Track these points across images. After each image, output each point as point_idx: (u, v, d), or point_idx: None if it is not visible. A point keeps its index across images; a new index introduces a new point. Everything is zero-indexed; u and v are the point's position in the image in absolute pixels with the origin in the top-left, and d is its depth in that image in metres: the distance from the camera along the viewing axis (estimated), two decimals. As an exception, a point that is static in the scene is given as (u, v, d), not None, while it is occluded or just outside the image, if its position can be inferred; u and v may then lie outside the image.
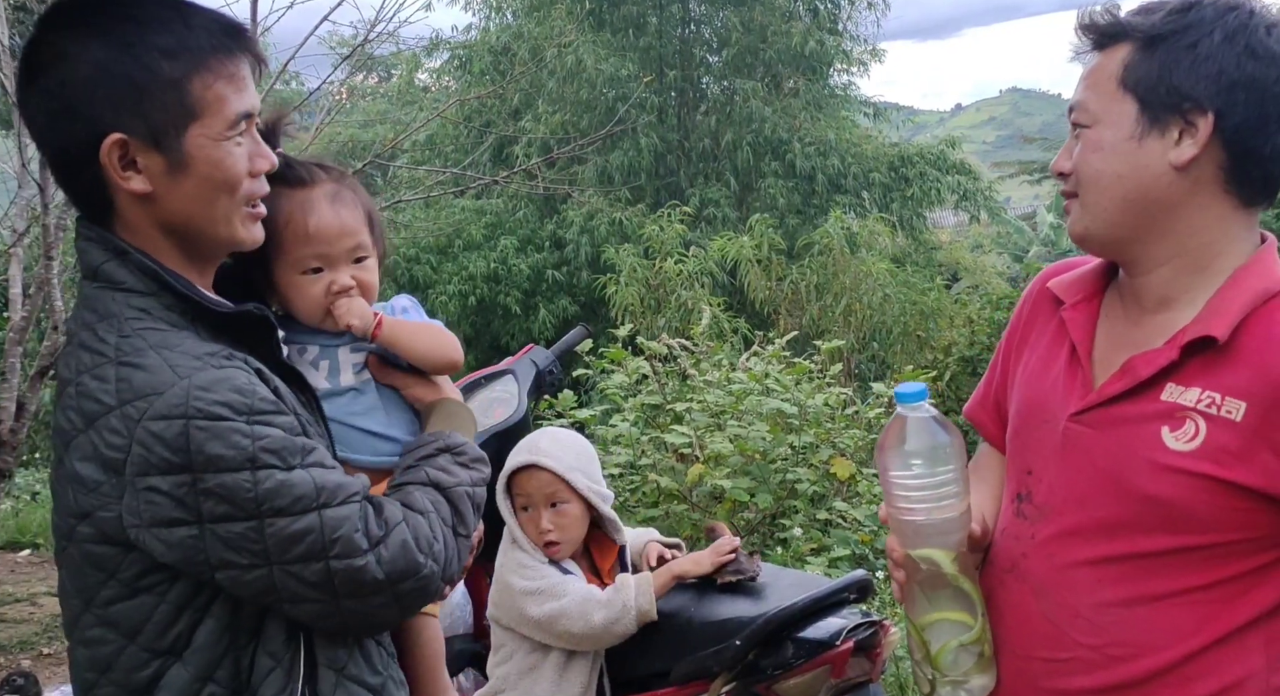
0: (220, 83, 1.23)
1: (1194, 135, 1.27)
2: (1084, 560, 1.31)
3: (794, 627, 2.00)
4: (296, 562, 1.20)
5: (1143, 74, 1.28)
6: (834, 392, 5.14)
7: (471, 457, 1.42)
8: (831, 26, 16.55)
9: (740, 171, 15.23)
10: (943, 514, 1.31)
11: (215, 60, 1.23)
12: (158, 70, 1.20)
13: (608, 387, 5.29)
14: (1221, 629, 1.27)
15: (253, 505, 1.17)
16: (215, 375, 1.18)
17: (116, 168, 1.21)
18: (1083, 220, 1.35)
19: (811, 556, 4.29)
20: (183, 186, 1.24)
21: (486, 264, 13.98)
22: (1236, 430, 1.23)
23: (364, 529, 1.23)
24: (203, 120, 1.23)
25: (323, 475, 1.22)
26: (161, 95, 1.21)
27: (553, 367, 2.61)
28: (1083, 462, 1.33)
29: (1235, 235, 1.32)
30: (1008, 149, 76.66)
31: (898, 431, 1.32)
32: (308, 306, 1.47)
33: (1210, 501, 1.24)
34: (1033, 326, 1.50)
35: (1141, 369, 1.30)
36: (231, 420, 1.17)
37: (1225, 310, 1.27)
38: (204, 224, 1.27)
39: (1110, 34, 1.33)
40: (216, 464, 1.16)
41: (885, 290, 10.11)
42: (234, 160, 1.25)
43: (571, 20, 14.78)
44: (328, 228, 1.45)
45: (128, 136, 1.20)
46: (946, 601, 1.35)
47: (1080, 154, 1.33)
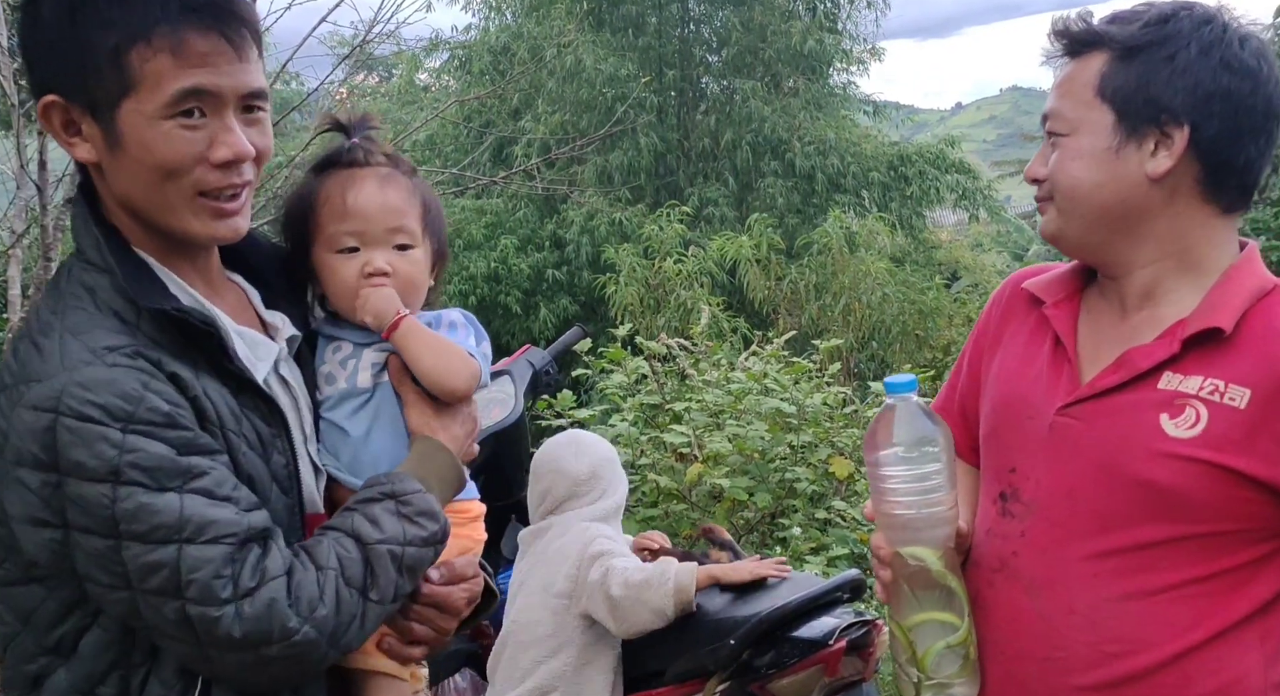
0: (163, 57, 1.11)
1: (1169, 147, 1.29)
2: (1079, 555, 1.32)
3: (788, 627, 2.01)
4: (154, 596, 1.08)
5: (1120, 84, 1.30)
6: (833, 392, 5.15)
7: (418, 510, 1.24)
8: (831, 25, 16.52)
9: (740, 171, 15.22)
10: (931, 508, 1.32)
11: (159, 32, 1.11)
12: (96, 38, 1.11)
13: (607, 387, 5.30)
14: (1218, 624, 1.27)
15: (110, 523, 1.07)
16: (99, 373, 1.08)
17: (59, 131, 1.15)
18: (1057, 222, 1.38)
19: (810, 555, 4.30)
20: (122, 163, 1.15)
21: (487, 264, 13.97)
22: (1240, 417, 1.24)
23: (231, 575, 1.09)
24: (138, 95, 1.12)
25: (197, 505, 1.09)
26: (98, 64, 1.11)
27: (549, 368, 2.63)
28: (1072, 455, 1.33)
29: (1218, 239, 1.35)
30: (1008, 147, 76.62)
31: (887, 423, 1.32)
32: (339, 289, 1.36)
33: (1210, 488, 1.25)
34: (1006, 327, 1.51)
35: (1140, 361, 1.31)
36: (103, 425, 1.06)
37: (1227, 304, 1.29)
38: (150, 209, 1.18)
39: (1085, 42, 1.34)
40: (78, 470, 1.06)
41: (884, 289, 10.11)
42: (169, 143, 1.13)
43: (571, 20, 14.77)
44: (367, 203, 1.33)
45: (65, 100, 1.13)
46: (934, 601, 1.35)
47: (1058, 162, 1.35)
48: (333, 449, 1.36)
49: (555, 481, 2.19)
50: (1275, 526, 1.27)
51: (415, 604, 1.30)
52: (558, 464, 2.20)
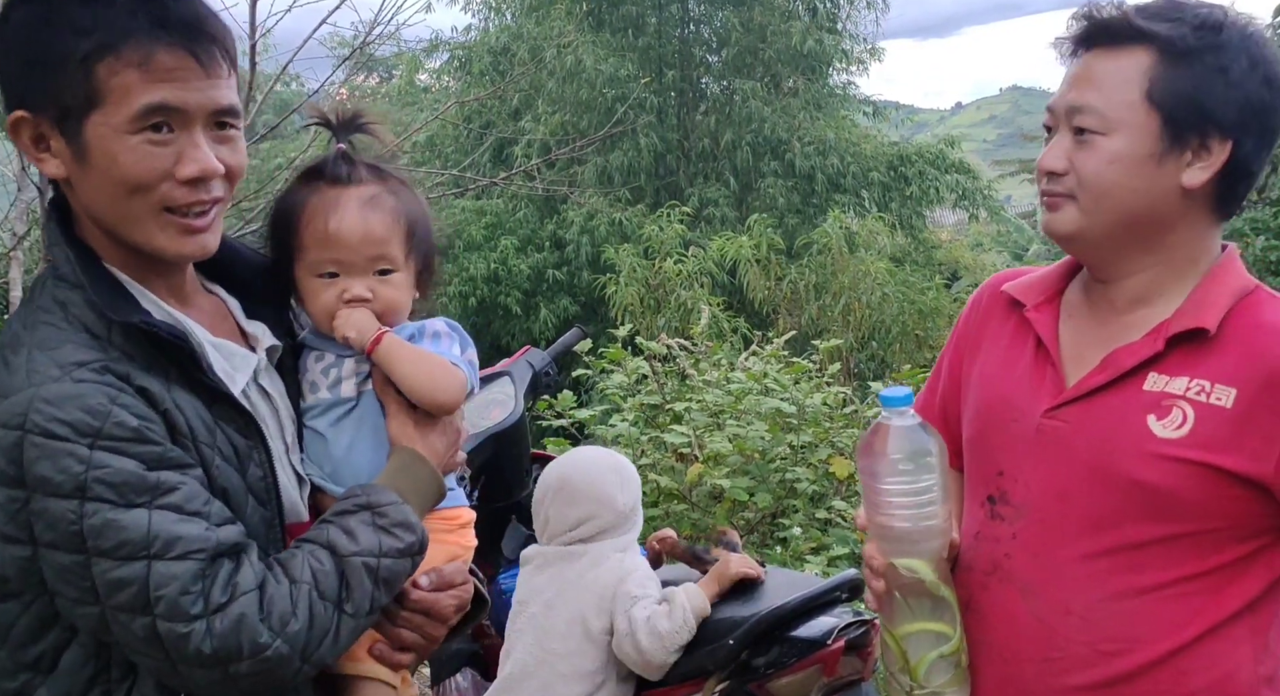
0: (130, 71, 1.10)
1: (1207, 159, 1.26)
2: (1073, 556, 1.32)
3: (786, 627, 2.02)
4: (123, 612, 1.07)
5: (1174, 91, 1.25)
6: (833, 392, 5.15)
7: (393, 521, 1.22)
8: (831, 25, 16.54)
9: (740, 171, 15.24)
10: (926, 521, 1.31)
11: (128, 45, 1.10)
12: (66, 47, 1.09)
13: (607, 387, 5.30)
14: (1210, 620, 1.28)
15: (77, 539, 1.06)
16: (66, 389, 1.07)
17: (29, 147, 1.14)
18: (1078, 222, 1.32)
19: (811, 555, 4.30)
20: (89, 178, 1.13)
21: (487, 264, 13.99)
22: (1227, 416, 1.25)
23: (201, 590, 1.08)
24: (105, 108, 1.10)
25: (165, 521, 1.08)
26: (67, 74, 1.10)
27: (549, 369, 2.64)
28: (1061, 457, 1.34)
29: (1210, 244, 1.36)
30: (1008, 147, 76.61)
31: (882, 436, 1.30)
32: (318, 312, 1.36)
33: (1199, 487, 1.26)
34: (986, 330, 1.51)
35: (1125, 360, 1.31)
36: (69, 441, 1.05)
37: (1210, 304, 1.29)
38: (117, 224, 1.16)
39: (1125, 35, 1.27)
40: (43, 486, 1.05)
41: (884, 289, 10.12)
42: (134, 158, 1.11)
43: (571, 21, 14.79)
44: (349, 232, 1.32)
45: (34, 115, 1.12)
46: (926, 611, 1.34)
47: (1088, 160, 1.29)
48: (316, 457, 1.35)
49: (597, 512, 2.11)
50: (1263, 523, 1.28)
51: (404, 610, 1.30)
52: (603, 494, 2.12)
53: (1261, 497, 1.26)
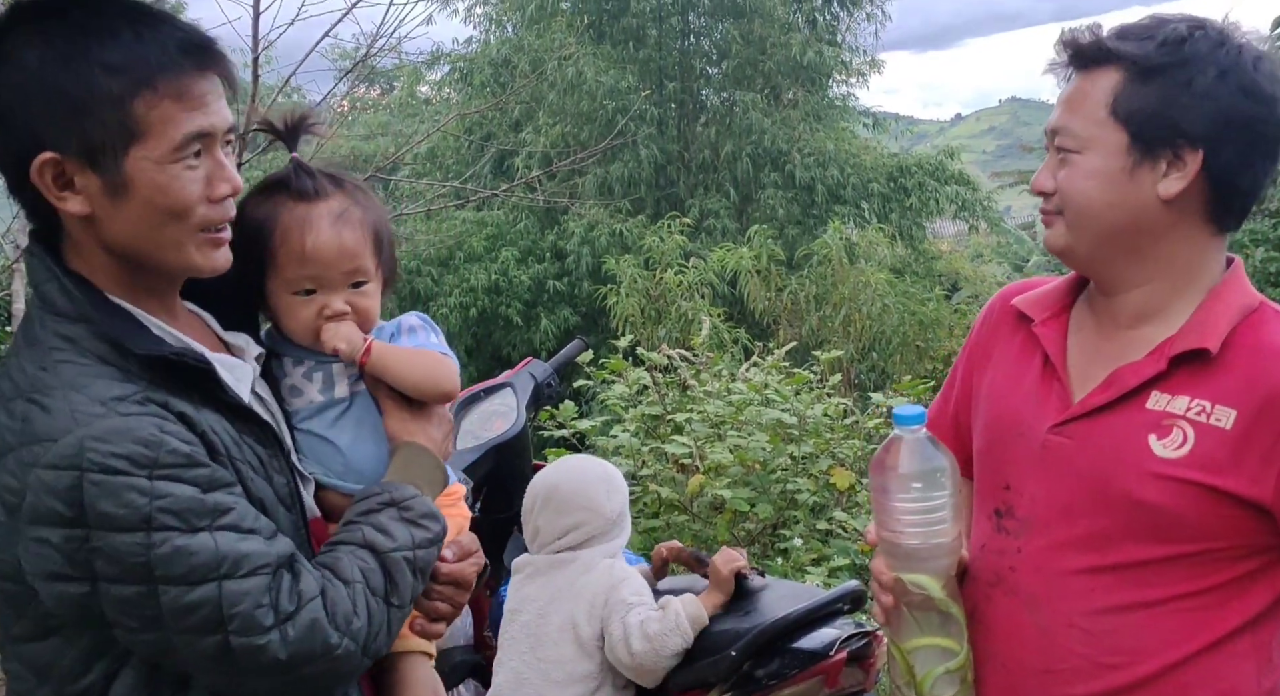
0: (168, 103, 1.13)
1: (1181, 169, 1.28)
2: (1075, 569, 1.33)
3: (788, 638, 2.02)
4: (191, 633, 1.10)
5: (1137, 106, 1.28)
6: (833, 403, 5.15)
7: (419, 513, 1.28)
8: (830, 38, 16.59)
9: (740, 182, 15.27)
10: (936, 539, 1.32)
11: (163, 79, 1.13)
12: (97, 86, 1.10)
13: (608, 398, 5.30)
14: (1212, 635, 1.29)
15: (145, 570, 1.07)
16: (117, 424, 1.08)
17: (50, 187, 1.13)
18: (1066, 238, 1.37)
19: (812, 566, 4.29)
20: (124, 210, 1.15)
21: (488, 275, 14.00)
22: (1226, 438, 1.25)
23: (271, 602, 1.12)
24: (145, 142, 1.13)
25: (230, 542, 1.11)
26: (100, 113, 1.11)
27: (551, 380, 2.64)
28: (1066, 474, 1.34)
29: (1210, 258, 1.36)
30: (1008, 158, 76.68)
31: (894, 455, 1.31)
32: (298, 328, 1.38)
33: (1199, 508, 1.26)
34: (995, 343, 1.52)
35: (1129, 379, 1.32)
36: (130, 475, 1.07)
37: (1213, 324, 1.30)
38: (153, 250, 1.18)
39: (1096, 57, 1.32)
40: (107, 522, 1.06)
41: (884, 300, 10.12)
42: (180, 185, 1.15)
43: (571, 33, 14.83)
44: (325, 249, 1.34)
45: (60, 155, 1.12)
46: (934, 627, 1.35)
47: (1068, 179, 1.34)
48: (320, 459, 1.39)
49: (587, 520, 2.13)
50: (1264, 543, 1.28)
51: (436, 585, 1.36)
52: (592, 502, 2.14)
53: (1261, 518, 1.26)
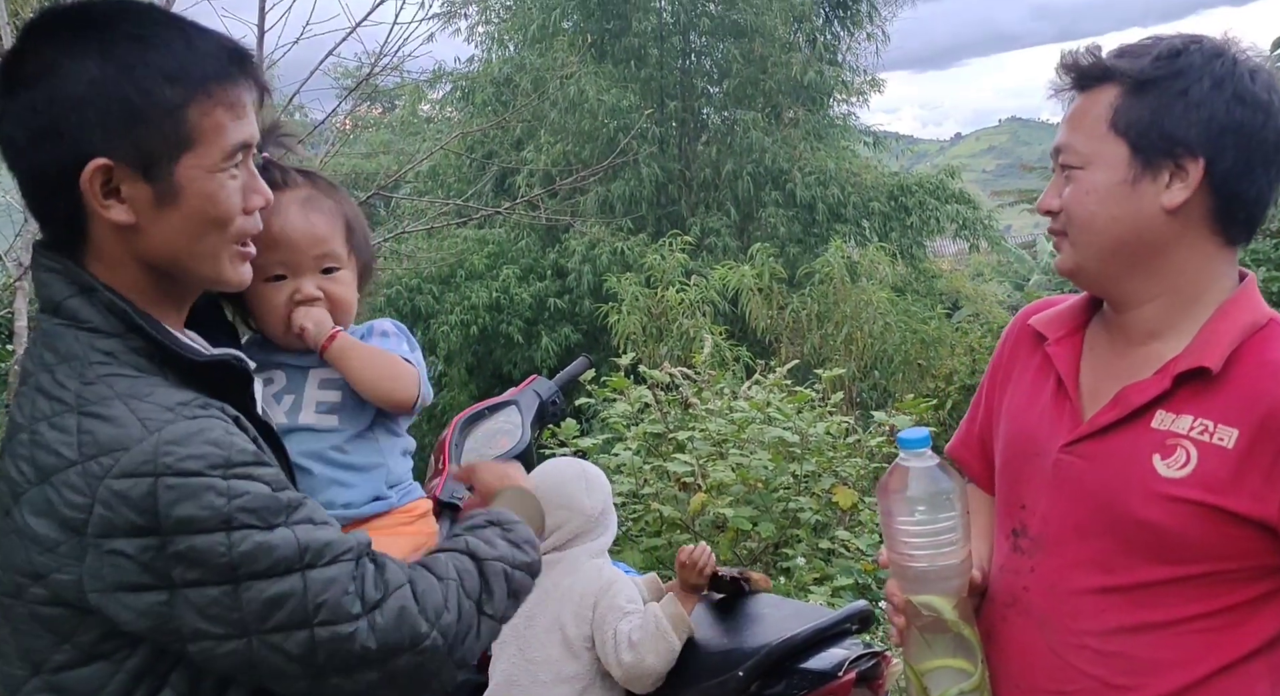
0: (220, 111, 1.14)
1: (1184, 179, 1.29)
2: (1087, 589, 1.32)
3: (796, 658, 2.00)
4: (277, 632, 1.08)
5: (1134, 118, 1.30)
6: (836, 421, 5.14)
7: (521, 537, 1.28)
8: (831, 57, 16.69)
9: (741, 201, 15.30)
10: (944, 560, 1.32)
11: (217, 87, 1.14)
12: (157, 95, 1.11)
13: (610, 416, 5.30)
14: (1226, 657, 1.28)
15: (228, 569, 1.06)
16: (188, 427, 1.08)
17: (98, 195, 1.12)
18: (1073, 257, 1.37)
19: (815, 586, 4.28)
20: (170, 219, 1.14)
21: (489, 293, 14.01)
22: (1228, 457, 1.25)
23: (358, 590, 1.10)
24: (198, 150, 1.14)
25: (309, 533, 1.10)
26: (158, 121, 1.11)
27: (555, 398, 2.62)
28: (1077, 493, 1.34)
29: (1220, 272, 1.35)
30: (1008, 177, 76.97)
31: (900, 478, 1.31)
32: (269, 316, 1.37)
33: (1203, 528, 1.25)
34: (1015, 363, 1.52)
35: (1134, 398, 1.32)
36: (206, 476, 1.06)
37: (1216, 341, 1.29)
38: (189, 260, 1.18)
39: (1095, 76, 1.34)
40: (187, 526, 1.05)
41: (886, 319, 10.12)
42: (228, 194, 1.16)
43: (573, 52, 14.91)
44: (294, 233, 1.35)
45: (114, 163, 1.11)
46: (947, 648, 1.35)
47: (1072, 195, 1.35)
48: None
49: (567, 518, 2.14)
50: (1272, 563, 1.27)
51: None
52: (571, 500, 2.15)
53: (1266, 537, 1.25)
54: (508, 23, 16.71)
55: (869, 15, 17.09)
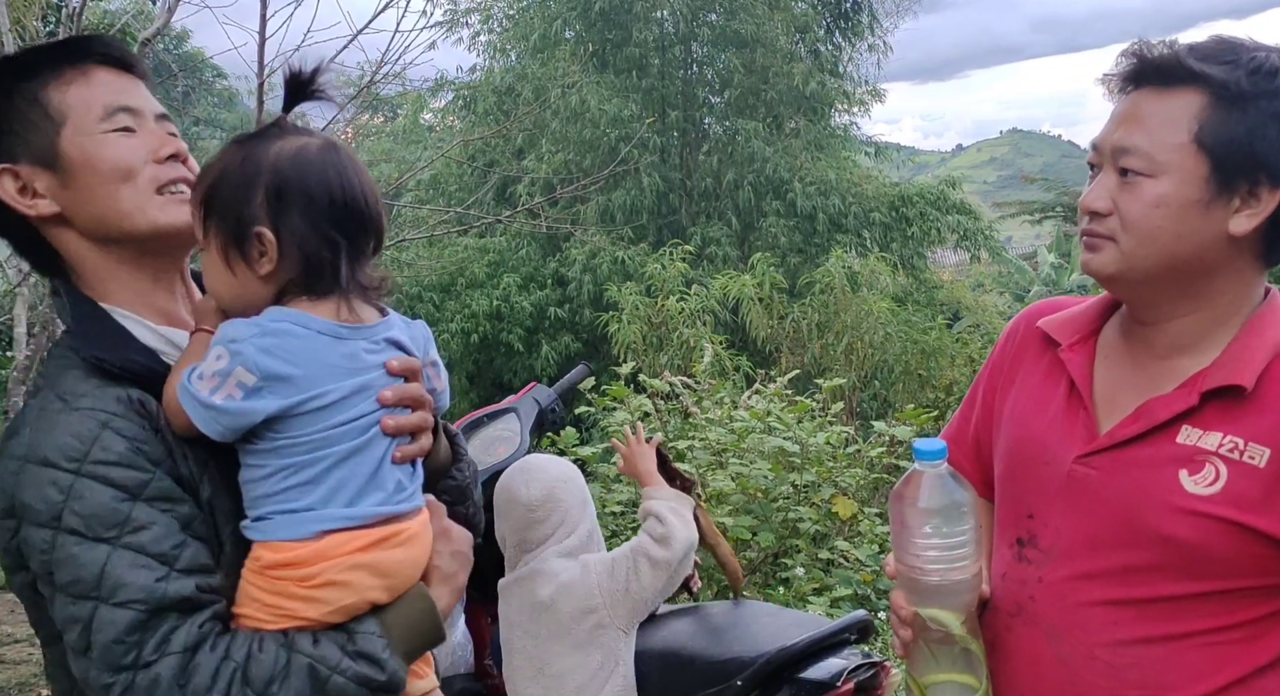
0: (76, 86, 1.22)
1: (1255, 206, 1.23)
2: (1099, 600, 1.30)
3: (795, 668, 2.00)
4: (72, 652, 1.08)
5: (1226, 136, 1.21)
6: (836, 431, 5.14)
7: (359, 650, 1.14)
8: (832, 68, 16.74)
9: (742, 210, 15.33)
10: (957, 575, 1.28)
11: (70, 68, 1.23)
12: (24, 95, 1.21)
13: (610, 425, 5.30)
14: (1240, 670, 1.25)
15: (45, 570, 1.08)
16: (65, 419, 1.10)
17: (17, 198, 1.22)
18: (1119, 263, 1.29)
19: (814, 596, 4.27)
20: (77, 191, 1.21)
21: (489, 301, 14.02)
22: (1259, 476, 1.21)
23: (136, 641, 1.06)
24: (69, 121, 1.21)
25: (121, 562, 1.06)
26: (27, 113, 1.21)
27: (555, 406, 2.63)
28: (1093, 505, 1.31)
29: (1253, 292, 1.31)
30: (1009, 189, 77.11)
31: (914, 488, 1.27)
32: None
33: (1231, 545, 1.23)
34: (1020, 364, 1.48)
35: (1159, 412, 1.28)
36: (55, 468, 1.07)
37: (1248, 359, 1.25)
38: (115, 220, 1.22)
39: (1176, 76, 1.23)
40: (25, 513, 1.08)
41: (887, 329, 10.12)
42: (113, 149, 1.21)
43: (575, 61, 14.95)
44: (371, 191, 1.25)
45: (14, 164, 1.21)
46: (953, 662, 1.32)
47: (1134, 202, 1.25)
48: None
49: (510, 511, 2.10)
50: None
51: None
52: (510, 493, 2.11)
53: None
54: (509, 32, 16.76)
55: (870, 26, 17.16)
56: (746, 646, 2.04)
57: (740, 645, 2.05)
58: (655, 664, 2.04)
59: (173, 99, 16.71)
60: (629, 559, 2.05)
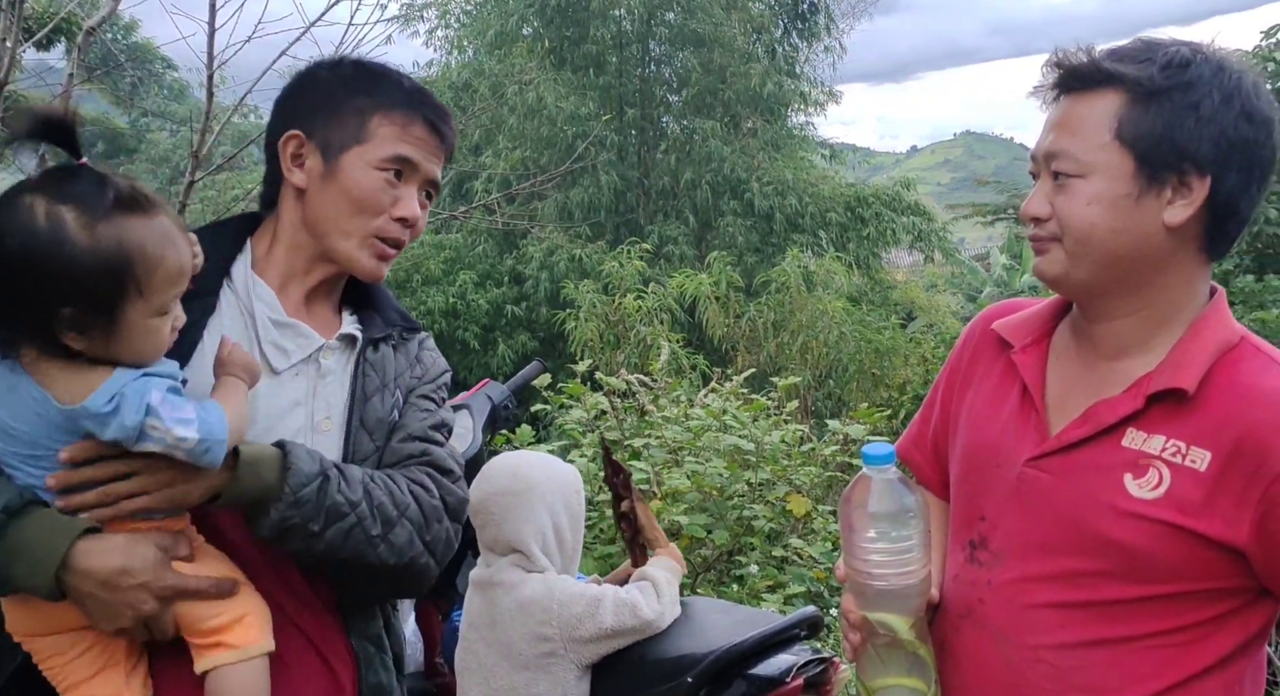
0: (394, 127, 1.45)
1: (1187, 196, 1.25)
2: (1046, 603, 1.30)
3: (745, 664, 2.00)
4: None
5: (1144, 130, 1.24)
6: (791, 429, 5.16)
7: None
8: (789, 69, 16.84)
9: (699, 209, 15.37)
10: (904, 580, 1.29)
11: (401, 112, 1.45)
12: (354, 100, 1.45)
13: (566, 423, 5.27)
14: (1181, 673, 1.26)
15: None
16: None
17: (287, 159, 1.45)
18: (1063, 265, 1.31)
19: (767, 593, 4.28)
20: (327, 193, 1.44)
21: (445, 299, 13.93)
22: (1201, 480, 1.22)
23: None
24: (364, 146, 1.43)
25: None
26: (345, 117, 1.44)
27: (508, 402, 2.61)
28: (1042, 508, 1.32)
29: (1198, 289, 1.33)
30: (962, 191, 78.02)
31: (863, 493, 1.28)
32: (158, 347, 1.26)
33: (1174, 549, 1.24)
34: (976, 367, 1.49)
35: (1106, 415, 1.29)
36: None
37: (1191, 362, 1.26)
38: (331, 231, 1.45)
39: (1094, 79, 1.27)
40: None
41: (841, 328, 10.21)
42: (373, 188, 1.43)
43: (532, 58, 14.90)
44: (187, 263, 1.26)
45: (306, 137, 1.44)
46: (901, 666, 1.33)
47: (1069, 204, 1.28)
48: None
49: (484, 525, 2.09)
50: (1236, 585, 1.26)
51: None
52: (483, 513, 2.09)
53: (1235, 561, 1.24)
54: (466, 27, 16.67)
55: (827, 28, 17.29)
56: (696, 643, 2.04)
57: (690, 642, 2.05)
58: (604, 661, 2.03)
59: (121, 90, 16.38)
60: (598, 603, 2.00)
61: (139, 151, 22.83)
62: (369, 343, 1.52)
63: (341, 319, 1.55)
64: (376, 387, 1.49)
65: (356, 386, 1.48)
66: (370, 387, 1.49)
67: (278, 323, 1.45)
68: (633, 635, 2.01)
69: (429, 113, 1.48)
